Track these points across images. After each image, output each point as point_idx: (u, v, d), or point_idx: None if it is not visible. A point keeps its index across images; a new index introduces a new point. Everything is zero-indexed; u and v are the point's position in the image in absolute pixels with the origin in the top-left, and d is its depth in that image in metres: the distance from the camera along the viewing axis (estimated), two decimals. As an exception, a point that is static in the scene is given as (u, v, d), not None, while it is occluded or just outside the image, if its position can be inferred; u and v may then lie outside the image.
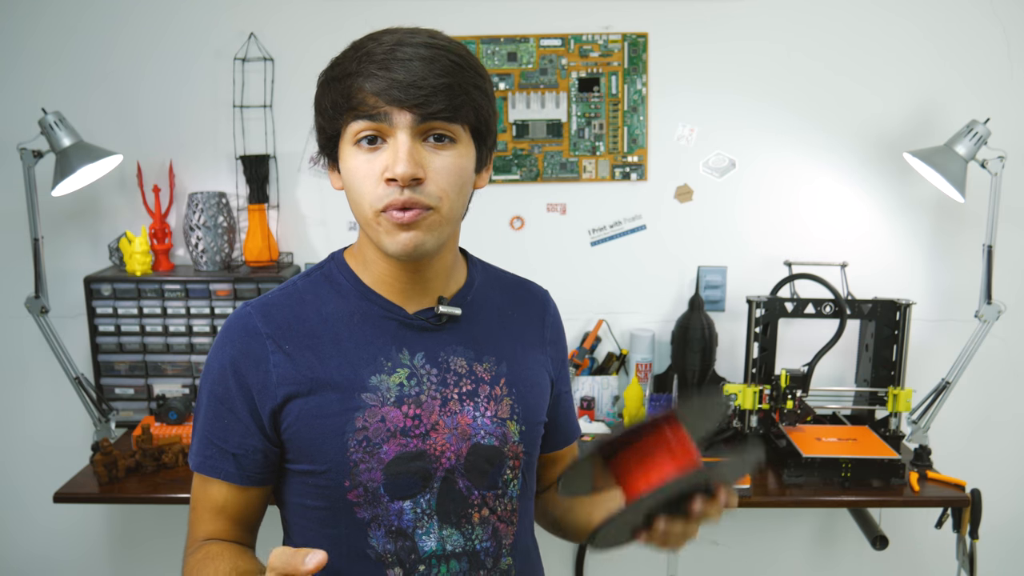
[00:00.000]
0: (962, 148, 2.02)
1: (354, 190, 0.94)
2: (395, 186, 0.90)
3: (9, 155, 2.15)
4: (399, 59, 0.89)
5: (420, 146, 0.91)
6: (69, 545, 2.50)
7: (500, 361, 1.04)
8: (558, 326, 1.16)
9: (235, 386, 0.97)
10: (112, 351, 2.21)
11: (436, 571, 0.99)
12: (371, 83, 0.89)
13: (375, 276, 1.01)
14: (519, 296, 1.12)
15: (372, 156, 0.92)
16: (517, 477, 1.04)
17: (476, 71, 0.94)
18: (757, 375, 2.09)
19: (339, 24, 2.24)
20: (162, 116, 2.28)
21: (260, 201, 2.27)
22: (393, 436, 0.96)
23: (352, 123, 0.92)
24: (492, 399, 1.02)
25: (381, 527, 0.97)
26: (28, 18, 2.24)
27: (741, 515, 2.45)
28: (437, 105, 0.89)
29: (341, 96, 0.92)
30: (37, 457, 2.42)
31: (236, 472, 0.98)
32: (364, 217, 0.94)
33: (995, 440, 2.41)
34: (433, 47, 0.91)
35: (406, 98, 0.88)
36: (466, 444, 0.99)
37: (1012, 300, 2.21)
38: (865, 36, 2.24)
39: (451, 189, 0.93)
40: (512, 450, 1.02)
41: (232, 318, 1.00)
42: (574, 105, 2.29)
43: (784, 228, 2.33)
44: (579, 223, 2.35)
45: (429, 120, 0.90)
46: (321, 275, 1.04)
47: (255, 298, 1.02)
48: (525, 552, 1.07)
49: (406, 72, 0.89)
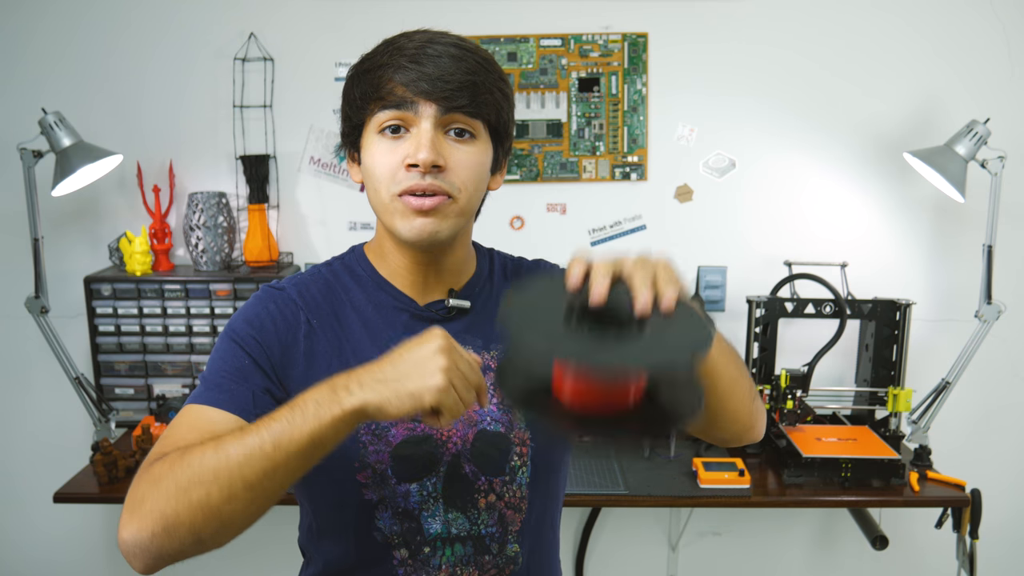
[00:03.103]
0: (962, 148, 2.02)
1: (374, 176, 0.96)
2: (416, 172, 0.93)
3: (9, 155, 2.15)
4: (429, 55, 0.93)
5: (442, 137, 0.94)
6: (69, 545, 2.50)
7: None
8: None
9: (261, 338, 0.97)
10: (112, 351, 2.21)
11: (441, 553, 1.00)
12: (400, 74, 0.93)
13: (391, 268, 1.04)
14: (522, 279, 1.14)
15: (394, 144, 0.94)
16: (526, 464, 1.04)
17: (500, 75, 0.99)
18: (757, 375, 2.09)
19: (339, 24, 2.24)
20: (162, 116, 2.28)
21: (260, 201, 2.27)
22: (401, 420, 0.99)
23: (378, 112, 0.95)
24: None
25: (388, 508, 0.99)
26: (29, 19, 2.24)
27: (741, 515, 2.46)
28: (461, 100, 0.93)
29: (370, 86, 0.95)
30: (37, 457, 2.42)
31: (252, 409, 0.92)
32: (381, 202, 0.97)
33: (995, 440, 2.41)
34: (462, 47, 0.95)
35: (433, 90, 0.92)
36: (472, 430, 1.01)
37: (1012, 300, 2.21)
38: (865, 36, 2.24)
39: (470, 181, 0.96)
40: (518, 436, 1.04)
41: (267, 287, 1.02)
42: (574, 105, 2.29)
43: (784, 228, 2.33)
44: (579, 223, 2.35)
45: (452, 112, 0.93)
46: (342, 265, 1.07)
47: (285, 278, 1.05)
48: (536, 540, 1.08)
49: (435, 67, 0.92)
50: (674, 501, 1.88)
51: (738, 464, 1.91)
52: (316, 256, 2.36)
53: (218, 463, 0.78)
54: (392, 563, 1.00)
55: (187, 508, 0.78)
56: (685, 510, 2.40)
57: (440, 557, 1.00)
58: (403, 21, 2.23)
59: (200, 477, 0.78)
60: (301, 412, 0.79)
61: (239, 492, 0.78)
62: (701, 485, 1.88)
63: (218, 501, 0.78)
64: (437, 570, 1.00)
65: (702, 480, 1.89)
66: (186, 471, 0.79)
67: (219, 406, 0.91)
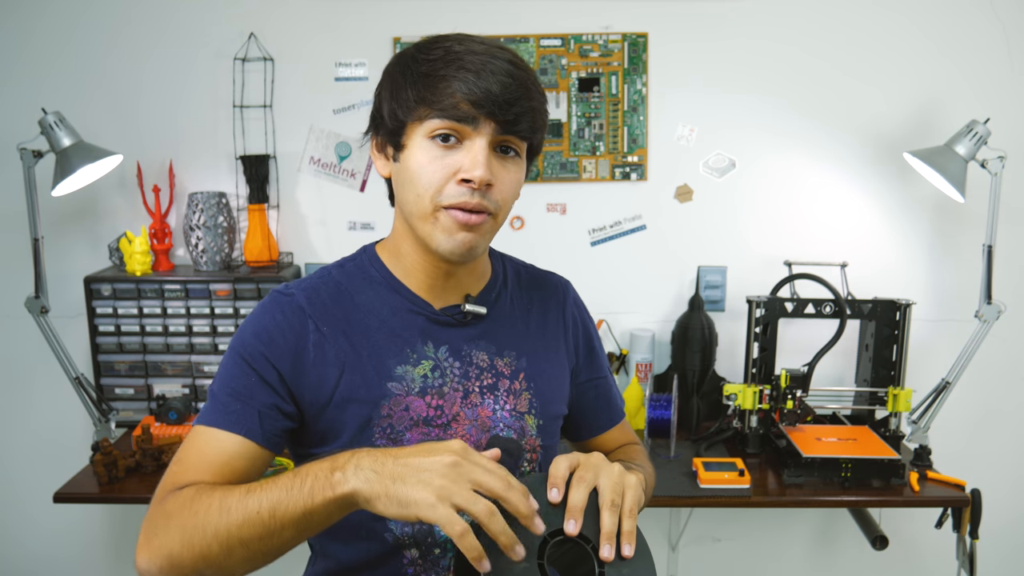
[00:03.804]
0: (962, 148, 2.02)
1: (418, 182, 0.96)
2: (468, 187, 0.93)
3: (9, 155, 2.15)
4: (491, 71, 0.93)
5: (491, 154, 0.96)
6: (69, 545, 2.50)
7: (520, 356, 1.08)
8: (579, 315, 1.19)
9: (268, 352, 0.97)
10: (112, 351, 2.21)
11: (450, 555, 1.02)
12: (464, 87, 0.92)
13: (406, 269, 1.04)
14: (541, 289, 1.16)
15: (446, 153, 0.94)
16: (536, 469, 1.07)
17: (544, 97, 1.01)
18: (757, 375, 2.09)
19: (339, 24, 2.24)
20: (162, 116, 2.28)
21: (260, 201, 2.27)
22: (416, 425, 1.00)
23: (432, 119, 0.94)
24: (512, 393, 1.06)
25: None
26: (28, 18, 2.24)
27: (741, 515, 2.46)
28: (522, 124, 0.95)
29: (428, 90, 0.94)
30: (37, 457, 2.42)
31: (259, 429, 0.95)
32: (421, 209, 0.96)
33: (995, 440, 2.41)
34: (518, 66, 0.96)
35: (498, 112, 0.93)
36: (485, 435, 1.03)
37: (1012, 300, 2.21)
38: (865, 36, 2.24)
39: (509, 199, 0.99)
40: (530, 443, 1.06)
41: (275, 293, 1.02)
42: (574, 105, 2.29)
43: (784, 228, 2.33)
44: (579, 223, 2.35)
45: (508, 134, 0.95)
46: (354, 266, 1.07)
47: (293, 281, 1.05)
48: None
49: (500, 87, 0.93)
50: (674, 501, 1.88)
51: (738, 464, 1.91)
52: (316, 256, 2.36)
53: (219, 521, 0.83)
54: (402, 562, 1.01)
55: (190, 554, 0.84)
56: (685, 510, 2.40)
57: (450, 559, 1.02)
58: (404, 21, 2.24)
59: (203, 530, 0.83)
60: (300, 484, 0.81)
61: (236, 550, 0.83)
62: (701, 485, 1.88)
63: (217, 554, 0.83)
64: (446, 571, 1.02)
65: (702, 480, 1.89)
66: (191, 520, 0.84)
67: (226, 428, 0.95)
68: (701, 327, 2.22)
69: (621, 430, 1.24)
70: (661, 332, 2.37)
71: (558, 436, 1.14)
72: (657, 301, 2.38)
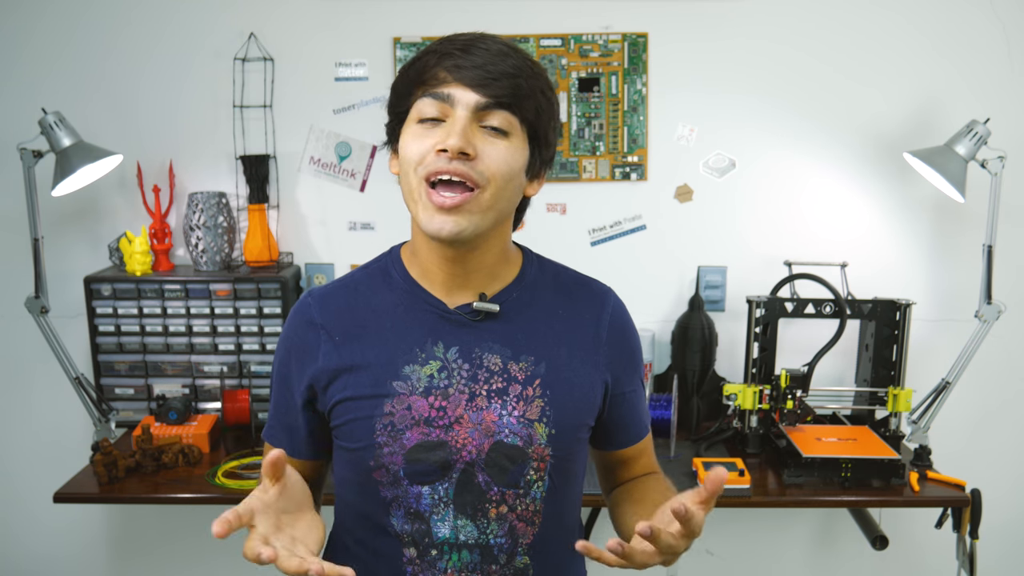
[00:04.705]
0: (962, 148, 2.02)
1: (404, 161, 0.98)
2: (444, 156, 0.94)
3: (9, 155, 2.15)
4: (478, 48, 0.95)
5: (477, 129, 0.95)
6: (69, 545, 2.50)
7: (539, 362, 1.04)
8: (620, 325, 1.13)
9: (294, 369, 1.07)
10: (112, 351, 2.21)
11: (448, 558, 1.02)
12: (446, 60, 0.95)
13: (422, 267, 1.06)
14: (576, 295, 1.12)
15: (429, 131, 0.96)
16: (543, 479, 1.04)
17: (546, 81, 1.00)
18: (757, 375, 2.09)
19: (339, 24, 2.24)
20: (162, 116, 2.28)
21: (260, 201, 2.27)
22: (416, 424, 1.00)
23: (419, 101, 0.97)
24: (522, 399, 1.02)
25: (401, 507, 1.02)
26: (28, 18, 2.24)
27: (741, 515, 2.46)
28: (500, 91, 0.94)
29: (416, 72, 0.98)
30: (37, 457, 2.42)
31: (288, 445, 1.09)
32: (409, 189, 0.98)
33: (995, 440, 2.41)
34: (514, 49, 0.97)
35: (473, 77, 0.93)
36: (489, 440, 1.01)
37: (1012, 300, 2.21)
38: (865, 36, 2.23)
39: (499, 175, 0.96)
40: (537, 452, 1.02)
41: (297, 306, 1.09)
42: (574, 105, 2.29)
43: (784, 228, 2.33)
44: (579, 223, 2.35)
45: (491, 108, 0.94)
46: (377, 268, 1.10)
47: (318, 287, 1.11)
48: (548, 554, 1.07)
49: (481, 58, 0.94)
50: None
51: (738, 464, 1.91)
52: (316, 256, 2.36)
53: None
54: (402, 560, 1.03)
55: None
56: (685, 510, 2.40)
57: (447, 561, 1.02)
58: (404, 21, 2.24)
59: None
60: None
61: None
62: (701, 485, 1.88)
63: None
64: (443, 573, 1.02)
65: (702, 480, 1.88)
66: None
67: (273, 444, 1.12)
68: (701, 327, 2.22)
69: (643, 449, 1.20)
70: (661, 332, 2.37)
71: (579, 450, 1.09)
72: (657, 301, 2.38)
